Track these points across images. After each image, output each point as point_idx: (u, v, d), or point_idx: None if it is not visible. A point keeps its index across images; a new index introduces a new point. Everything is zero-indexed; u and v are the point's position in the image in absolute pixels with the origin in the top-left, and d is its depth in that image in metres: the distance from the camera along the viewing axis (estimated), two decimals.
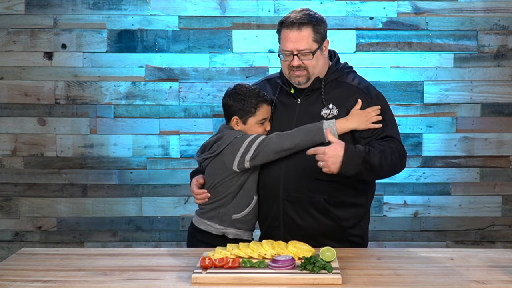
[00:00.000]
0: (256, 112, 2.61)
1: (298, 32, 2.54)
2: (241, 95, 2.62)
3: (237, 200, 2.65)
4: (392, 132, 2.60)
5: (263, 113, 2.62)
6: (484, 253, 2.52)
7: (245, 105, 2.61)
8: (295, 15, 2.57)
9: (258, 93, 2.63)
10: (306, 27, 2.55)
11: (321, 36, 2.59)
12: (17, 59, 3.83)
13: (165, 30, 3.82)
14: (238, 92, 2.63)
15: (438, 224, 3.90)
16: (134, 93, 3.84)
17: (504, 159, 3.88)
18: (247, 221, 2.66)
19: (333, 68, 2.67)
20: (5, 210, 3.89)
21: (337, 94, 2.61)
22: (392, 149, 2.53)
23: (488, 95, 3.84)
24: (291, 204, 2.61)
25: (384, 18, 3.81)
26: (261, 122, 2.63)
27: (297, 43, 2.54)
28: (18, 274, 2.24)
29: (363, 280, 2.17)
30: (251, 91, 2.63)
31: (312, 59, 2.56)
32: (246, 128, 2.64)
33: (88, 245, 3.89)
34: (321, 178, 2.55)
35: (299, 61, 2.55)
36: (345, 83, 2.64)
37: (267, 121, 2.65)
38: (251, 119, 2.62)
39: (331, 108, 2.59)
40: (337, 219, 2.62)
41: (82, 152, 3.86)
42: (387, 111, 2.63)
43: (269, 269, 2.20)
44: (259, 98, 2.62)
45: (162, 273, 2.25)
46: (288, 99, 2.67)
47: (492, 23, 3.82)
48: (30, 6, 3.80)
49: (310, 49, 2.55)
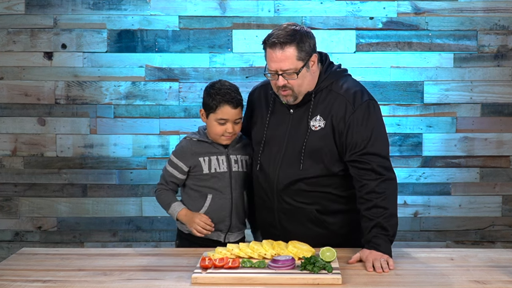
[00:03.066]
0: (216, 110, 2.61)
1: (281, 52, 2.44)
2: (213, 90, 2.63)
3: (192, 200, 2.70)
4: (375, 148, 2.48)
5: (224, 114, 2.60)
6: (484, 253, 2.52)
7: (210, 100, 2.62)
8: (278, 33, 2.46)
9: (228, 93, 2.61)
10: (289, 46, 2.44)
11: (306, 53, 2.48)
12: (17, 59, 3.83)
13: (165, 30, 3.82)
14: (213, 87, 2.65)
15: (438, 224, 3.90)
16: (134, 93, 3.84)
17: (504, 159, 3.88)
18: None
19: (322, 76, 2.57)
20: (5, 210, 3.89)
21: (325, 104, 2.54)
22: (387, 187, 2.45)
23: (488, 95, 3.84)
24: (285, 215, 2.63)
25: (384, 18, 3.81)
26: (220, 122, 2.62)
27: (280, 63, 2.45)
28: (18, 274, 2.24)
29: (363, 280, 2.17)
30: (223, 89, 2.62)
31: (297, 79, 2.48)
32: (208, 123, 2.67)
33: (88, 245, 3.89)
34: (314, 190, 2.57)
35: (284, 81, 2.48)
36: (333, 91, 2.55)
37: (229, 123, 2.62)
38: (211, 115, 2.63)
39: (319, 119, 2.54)
40: (331, 228, 2.61)
41: (82, 152, 3.86)
42: (371, 123, 2.51)
43: (269, 269, 2.20)
44: (225, 97, 2.60)
45: (162, 273, 2.25)
46: (282, 109, 2.64)
47: (492, 23, 3.82)
48: (30, 6, 3.80)
49: (295, 69, 2.46)
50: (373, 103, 2.56)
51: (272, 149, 2.62)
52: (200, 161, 2.66)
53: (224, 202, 2.68)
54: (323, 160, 2.54)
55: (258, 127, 2.70)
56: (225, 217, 2.69)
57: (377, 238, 2.40)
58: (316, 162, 2.55)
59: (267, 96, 2.70)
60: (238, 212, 2.71)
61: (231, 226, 2.70)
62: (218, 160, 2.68)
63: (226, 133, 2.63)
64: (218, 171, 2.67)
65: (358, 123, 2.49)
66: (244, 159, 2.74)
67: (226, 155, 2.69)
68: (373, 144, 2.49)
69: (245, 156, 2.75)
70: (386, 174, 2.47)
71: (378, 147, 2.50)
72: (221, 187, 2.67)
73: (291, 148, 2.58)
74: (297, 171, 2.56)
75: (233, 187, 2.69)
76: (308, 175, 2.55)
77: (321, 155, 2.54)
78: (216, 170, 2.67)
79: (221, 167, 2.68)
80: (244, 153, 2.74)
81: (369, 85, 2.75)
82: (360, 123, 2.49)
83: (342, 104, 2.52)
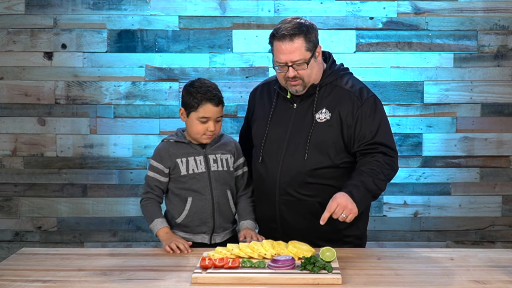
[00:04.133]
0: (198, 108, 2.59)
1: (291, 44, 2.52)
2: (193, 89, 2.61)
3: (174, 205, 2.68)
4: (381, 138, 2.60)
5: (206, 112, 2.59)
6: (484, 253, 2.52)
7: (191, 98, 2.60)
8: (285, 26, 2.54)
9: (209, 91, 2.61)
10: (298, 38, 2.53)
11: (313, 44, 2.58)
12: (17, 59, 3.83)
13: (165, 30, 3.82)
14: (193, 85, 2.63)
15: (438, 224, 3.90)
16: (134, 93, 3.84)
17: (504, 159, 3.88)
18: (189, 222, 2.66)
19: (327, 71, 2.66)
20: (5, 210, 3.89)
21: (331, 98, 2.63)
22: (379, 164, 2.56)
23: (488, 95, 3.84)
24: (286, 208, 2.64)
25: (384, 18, 3.81)
26: (202, 120, 2.60)
27: (290, 55, 2.53)
28: (18, 274, 2.24)
29: (363, 280, 2.17)
30: (203, 87, 2.61)
31: (306, 69, 2.56)
32: (188, 122, 2.64)
33: (88, 245, 3.89)
34: (317, 182, 2.60)
35: (294, 72, 2.55)
36: (338, 86, 2.65)
37: (211, 121, 2.61)
38: (193, 114, 2.61)
39: (324, 112, 2.61)
40: (332, 222, 2.62)
41: (82, 152, 3.86)
42: (378, 116, 2.63)
43: (269, 269, 2.20)
44: (206, 95, 2.59)
45: (162, 273, 2.25)
46: (285, 104, 2.69)
47: (492, 23, 3.82)
48: (30, 6, 3.80)
49: (304, 59, 2.54)
50: (377, 98, 2.68)
51: (275, 141, 2.66)
52: (178, 162, 2.65)
53: (205, 204, 2.64)
54: (328, 152, 2.60)
55: (260, 121, 2.74)
56: (207, 219, 2.66)
57: (357, 189, 2.47)
58: (321, 154, 2.59)
59: (270, 92, 2.75)
60: (222, 211, 2.68)
61: (215, 227, 2.67)
62: (196, 161, 2.65)
63: (207, 131, 2.61)
64: (196, 171, 2.64)
65: (366, 116, 2.60)
66: (223, 158, 2.70)
67: (204, 155, 2.67)
68: (381, 134, 2.60)
69: (225, 154, 2.71)
70: (394, 157, 2.61)
71: (385, 137, 2.62)
72: (200, 188, 2.64)
73: (295, 140, 2.62)
74: (301, 162, 2.59)
75: (213, 186, 2.65)
76: (312, 166, 2.59)
77: (326, 146, 2.59)
78: (194, 171, 2.64)
79: (199, 168, 2.65)
80: (223, 152, 2.71)
81: (369, 85, 2.74)
82: (368, 115, 2.60)
83: (349, 99, 2.61)
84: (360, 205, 2.46)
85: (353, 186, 2.48)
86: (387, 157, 2.59)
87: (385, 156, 2.59)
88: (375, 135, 2.59)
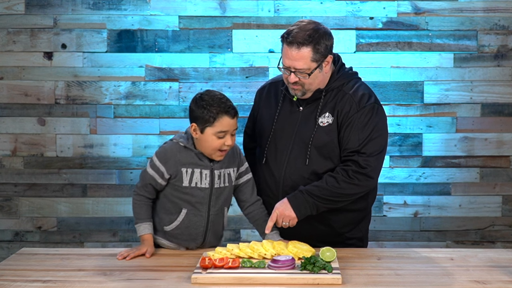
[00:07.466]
0: (214, 123, 2.40)
1: (297, 52, 2.47)
2: (205, 102, 2.42)
3: (165, 212, 2.54)
4: (366, 149, 2.52)
5: (223, 125, 2.41)
6: (484, 253, 2.52)
7: (205, 112, 2.40)
8: (297, 31, 2.48)
9: (223, 102, 2.42)
10: (306, 47, 2.47)
11: (322, 54, 2.51)
12: (17, 59, 3.83)
13: (165, 30, 3.82)
14: (203, 98, 2.43)
15: (438, 224, 3.90)
16: (134, 93, 3.84)
17: (504, 159, 3.88)
18: (178, 234, 2.52)
19: (334, 76, 2.61)
20: (5, 210, 3.89)
21: (334, 102, 2.60)
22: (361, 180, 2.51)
23: (488, 95, 3.84)
24: None
25: (384, 18, 3.81)
26: (219, 135, 2.42)
27: (295, 62, 2.48)
28: (18, 274, 2.24)
29: (363, 280, 2.17)
30: (215, 99, 2.42)
31: (308, 79, 2.52)
32: (203, 138, 2.44)
33: (88, 245, 3.89)
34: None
35: (295, 78, 2.52)
36: (342, 91, 2.60)
37: (228, 135, 2.43)
38: (208, 129, 2.41)
39: (327, 116, 2.58)
40: (333, 225, 2.62)
41: (82, 152, 3.86)
42: (370, 127, 2.54)
43: (269, 269, 2.20)
44: (220, 107, 2.40)
45: (162, 273, 2.25)
46: (291, 107, 2.66)
47: (492, 23, 3.82)
48: (30, 6, 3.80)
49: (308, 69, 2.49)
50: (377, 107, 2.60)
51: (279, 144, 2.65)
52: (182, 172, 2.47)
53: (199, 220, 2.51)
54: (330, 156, 2.58)
55: (266, 121, 2.71)
56: (198, 236, 2.52)
57: (305, 198, 2.49)
58: (324, 158, 2.58)
59: (277, 92, 2.73)
60: (215, 229, 2.57)
61: (204, 243, 2.55)
62: (202, 174, 2.48)
63: (224, 146, 2.43)
64: (199, 186, 2.48)
65: (358, 123, 2.54)
66: (227, 172, 2.54)
67: (210, 169, 2.49)
68: (369, 147, 2.53)
69: (229, 168, 2.55)
70: (367, 168, 2.52)
71: (370, 148, 2.54)
72: (197, 203, 2.49)
73: (298, 144, 2.61)
74: (303, 166, 2.58)
75: (212, 204, 2.51)
76: (314, 170, 2.58)
77: (329, 150, 2.58)
78: (197, 185, 2.48)
79: (202, 183, 2.48)
80: (228, 166, 2.55)
81: (369, 85, 2.75)
82: (360, 123, 2.54)
83: (348, 103, 2.57)
84: (299, 210, 2.49)
85: (298, 192, 2.52)
86: (355, 168, 2.51)
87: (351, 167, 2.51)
88: (361, 145, 2.52)
